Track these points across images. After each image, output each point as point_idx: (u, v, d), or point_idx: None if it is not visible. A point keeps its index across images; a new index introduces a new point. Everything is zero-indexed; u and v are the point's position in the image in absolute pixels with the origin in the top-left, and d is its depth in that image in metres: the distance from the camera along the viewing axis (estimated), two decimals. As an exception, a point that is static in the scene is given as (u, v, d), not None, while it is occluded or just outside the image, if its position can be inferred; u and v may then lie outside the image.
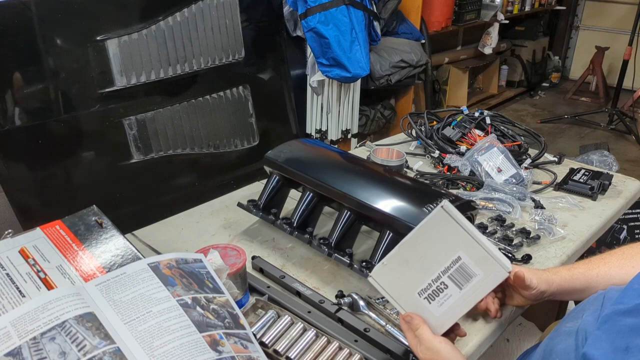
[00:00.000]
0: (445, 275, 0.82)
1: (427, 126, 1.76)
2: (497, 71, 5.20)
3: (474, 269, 0.80)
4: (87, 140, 2.02)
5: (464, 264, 0.81)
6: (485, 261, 0.80)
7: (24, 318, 0.71)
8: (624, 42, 4.58)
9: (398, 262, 0.85)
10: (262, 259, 1.13)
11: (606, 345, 0.69)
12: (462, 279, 0.81)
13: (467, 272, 0.81)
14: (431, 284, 0.82)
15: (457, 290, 0.81)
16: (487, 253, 0.80)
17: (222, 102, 2.40)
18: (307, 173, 1.18)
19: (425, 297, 0.83)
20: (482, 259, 0.80)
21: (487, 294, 0.81)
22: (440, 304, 0.82)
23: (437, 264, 0.82)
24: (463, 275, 0.81)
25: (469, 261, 0.80)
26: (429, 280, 0.82)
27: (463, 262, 0.81)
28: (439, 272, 0.82)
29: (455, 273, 0.81)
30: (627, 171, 3.25)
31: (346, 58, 2.64)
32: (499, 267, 0.79)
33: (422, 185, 1.26)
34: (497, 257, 0.80)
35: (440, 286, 0.82)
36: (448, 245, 0.81)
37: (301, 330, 0.92)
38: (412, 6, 3.49)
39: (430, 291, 0.82)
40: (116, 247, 0.90)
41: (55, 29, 1.86)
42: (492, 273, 0.80)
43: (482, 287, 0.81)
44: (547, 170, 1.64)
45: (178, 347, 0.74)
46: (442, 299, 0.82)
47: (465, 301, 0.81)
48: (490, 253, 0.80)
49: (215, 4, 2.26)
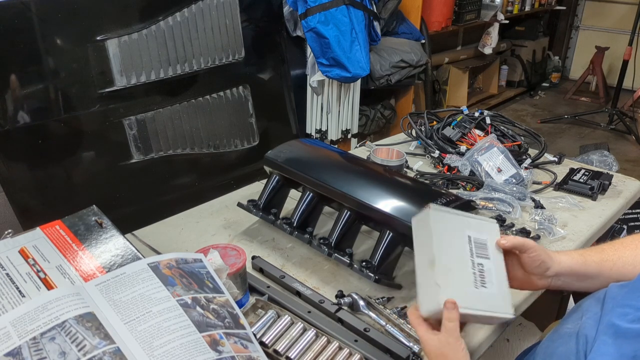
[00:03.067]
0: (474, 257, 0.85)
1: (427, 126, 1.76)
2: (497, 71, 5.20)
3: (482, 236, 0.87)
4: (87, 140, 2.02)
5: (475, 239, 0.87)
6: (482, 226, 0.89)
7: (24, 318, 0.71)
8: (624, 42, 4.57)
9: (434, 277, 0.83)
10: (262, 259, 1.13)
11: (612, 352, 0.67)
12: (483, 250, 0.87)
13: (481, 243, 0.87)
14: (475, 272, 0.84)
15: (488, 261, 0.86)
16: (479, 220, 0.90)
17: (222, 102, 2.40)
18: (307, 173, 1.18)
19: (481, 285, 0.83)
20: (480, 226, 0.89)
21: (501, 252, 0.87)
22: (492, 282, 0.84)
23: (463, 254, 0.85)
24: (481, 247, 0.87)
25: (475, 235, 0.87)
26: (470, 270, 0.84)
27: (474, 237, 0.87)
28: (470, 258, 0.85)
29: (477, 250, 0.86)
30: (627, 171, 3.25)
31: (346, 58, 2.64)
32: (490, 223, 0.91)
33: (422, 185, 1.26)
34: (485, 219, 0.92)
35: (480, 268, 0.85)
36: (456, 234, 0.86)
37: (301, 330, 0.92)
38: (412, 6, 3.49)
39: (479, 278, 0.84)
40: (116, 247, 0.90)
41: (55, 29, 1.85)
42: (492, 231, 0.89)
43: (494, 247, 0.88)
44: (547, 170, 1.64)
45: (178, 347, 0.74)
46: (489, 277, 0.84)
47: (499, 266, 0.87)
48: (479, 219, 0.91)
49: (215, 4, 2.26)
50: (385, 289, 1.07)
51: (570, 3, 5.76)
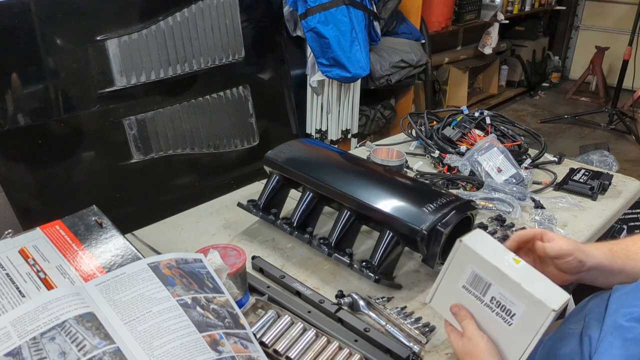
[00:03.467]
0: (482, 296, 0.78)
1: (427, 126, 1.76)
2: (497, 71, 5.20)
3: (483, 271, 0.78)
4: (87, 140, 2.02)
5: (477, 275, 0.78)
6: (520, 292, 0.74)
7: (23, 318, 0.71)
8: (624, 42, 4.57)
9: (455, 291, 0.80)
10: (262, 259, 1.13)
11: (619, 354, 0.66)
12: (481, 283, 0.78)
13: (479, 277, 0.78)
14: (495, 311, 0.77)
15: (494, 287, 0.76)
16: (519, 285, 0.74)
17: (222, 102, 2.40)
18: (307, 173, 1.18)
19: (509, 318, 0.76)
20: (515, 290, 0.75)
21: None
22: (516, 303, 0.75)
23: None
24: (479, 281, 0.78)
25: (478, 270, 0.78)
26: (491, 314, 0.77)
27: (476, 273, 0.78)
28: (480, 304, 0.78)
29: (475, 289, 0.79)
30: (627, 171, 3.25)
31: (346, 58, 2.64)
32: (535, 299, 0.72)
33: (422, 185, 1.26)
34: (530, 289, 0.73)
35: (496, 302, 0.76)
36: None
37: (301, 330, 0.92)
38: (412, 6, 3.49)
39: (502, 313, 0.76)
40: (116, 247, 0.90)
41: (55, 29, 1.85)
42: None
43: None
44: (547, 170, 1.64)
45: (178, 347, 0.74)
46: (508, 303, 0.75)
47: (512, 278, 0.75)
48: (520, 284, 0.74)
49: (215, 4, 2.26)
50: (385, 289, 1.07)
51: (570, 3, 5.76)
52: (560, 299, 0.72)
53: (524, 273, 0.75)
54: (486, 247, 0.79)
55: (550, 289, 0.73)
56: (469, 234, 0.80)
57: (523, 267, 0.76)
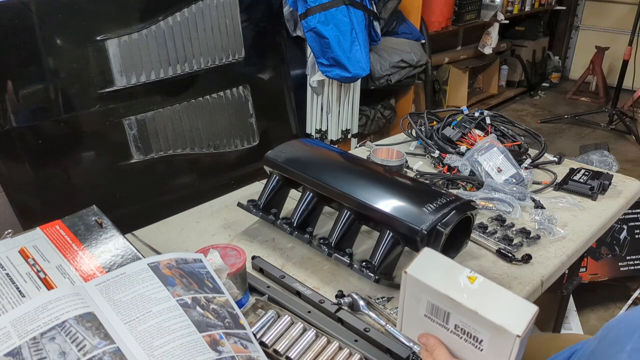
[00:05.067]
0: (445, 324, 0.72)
1: (427, 126, 1.76)
2: (497, 71, 5.20)
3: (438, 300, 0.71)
4: (87, 140, 2.02)
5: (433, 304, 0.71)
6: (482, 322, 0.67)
7: (23, 318, 0.71)
8: (624, 42, 4.57)
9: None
10: (262, 259, 1.13)
11: None
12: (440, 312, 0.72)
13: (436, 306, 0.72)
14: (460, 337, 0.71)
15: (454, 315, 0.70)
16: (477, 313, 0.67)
17: (222, 102, 2.40)
18: (307, 173, 1.18)
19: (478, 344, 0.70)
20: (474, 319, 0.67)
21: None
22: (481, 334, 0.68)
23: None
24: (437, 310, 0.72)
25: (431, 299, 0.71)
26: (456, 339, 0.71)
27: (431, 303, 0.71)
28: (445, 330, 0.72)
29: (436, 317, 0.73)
30: (627, 171, 3.25)
31: (346, 58, 2.64)
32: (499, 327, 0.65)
33: (422, 185, 1.26)
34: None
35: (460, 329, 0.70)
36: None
37: (301, 330, 0.92)
38: (412, 6, 3.49)
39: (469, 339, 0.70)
40: (116, 247, 0.90)
41: (55, 29, 1.85)
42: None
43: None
44: (547, 170, 1.64)
45: (178, 347, 0.74)
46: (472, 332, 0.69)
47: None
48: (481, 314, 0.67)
49: (215, 4, 2.26)
50: (385, 289, 1.07)
51: (570, 3, 5.76)
52: (524, 318, 0.65)
53: (481, 294, 0.68)
54: (436, 270, 0.71)
55: (512, 308, 0.66)
56: (416, 260, 0.73)
57: (480, 286, 0.69)
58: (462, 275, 0.70)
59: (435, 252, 0.74)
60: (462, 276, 0.70)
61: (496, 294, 0.68)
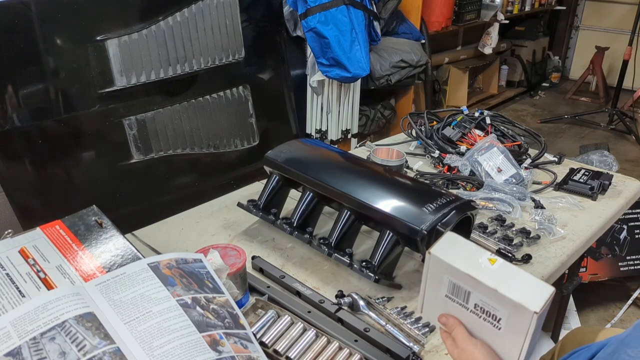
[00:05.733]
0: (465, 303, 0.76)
1: (427, 126, 1.76)
2: (497, 71, 5.20)
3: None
4: (87, 140, 2.02)
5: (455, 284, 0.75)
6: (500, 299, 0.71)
7: (23, 318, 0.71)
8: (624, 42, 4.57)
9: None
10: (262, 259, 1.13)
11: None
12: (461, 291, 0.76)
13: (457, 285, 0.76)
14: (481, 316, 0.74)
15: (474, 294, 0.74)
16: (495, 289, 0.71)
17: (222, 102, 2.40)
18: (307, 173, 1.18)
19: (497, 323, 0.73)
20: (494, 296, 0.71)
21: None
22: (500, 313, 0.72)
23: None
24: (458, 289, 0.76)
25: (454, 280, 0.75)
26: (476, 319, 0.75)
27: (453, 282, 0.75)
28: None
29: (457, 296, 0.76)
30: (627, 171, 3.25)
31: (346, 58, 2.64)
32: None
33: (422, 185, 1.26)
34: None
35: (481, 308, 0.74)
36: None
37: (301, 330, 0.92)
38: (412, 6, 3.49)
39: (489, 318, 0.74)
40: (116, 247, 0.90)
41: (55, 29, 1.85)
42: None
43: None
44: (547, 170, 1.64)
45: (178, 347, 0.74)
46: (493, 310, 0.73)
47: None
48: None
49: (215, 4, 2.26)
50: (385, 289, 1.08)
51: (570, 3, 5.76)
52: (542, 297, 0.68)
53: (501, 275, 0.71)
54: (459, 252, 0.75)
55: (530, 288, 0.70)
56: (439, 242, 0.77)
57: (500, 267, 0.73)
58: (482, 258, 0.74)
59: (458, 236, 0.78)
60: (482, 258, 0.74)
61: (515, 274, 0.72)
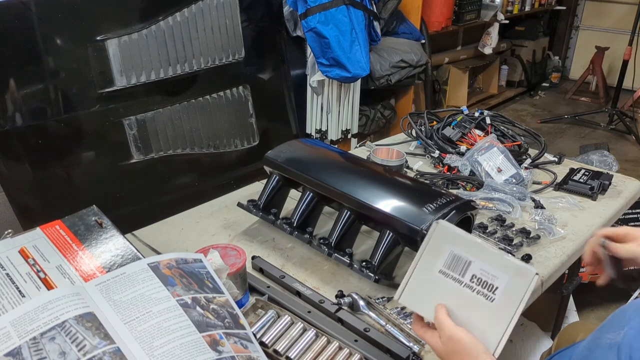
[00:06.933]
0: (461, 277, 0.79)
1: (427, 126, 1.76)
2: (497, 71, 5.20)
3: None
4: (87, 140, 2.02)
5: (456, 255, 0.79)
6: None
7: (23, 318, 0.71)
8: (624, 42, 4.57)
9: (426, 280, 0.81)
10: (262, 259, 1.13)
11: None
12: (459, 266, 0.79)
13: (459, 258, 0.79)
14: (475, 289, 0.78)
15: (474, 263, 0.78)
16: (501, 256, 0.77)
17: (222, 102, 2.40)
18: (307, 173, 1.18)
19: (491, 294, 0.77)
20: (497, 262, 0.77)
21: None
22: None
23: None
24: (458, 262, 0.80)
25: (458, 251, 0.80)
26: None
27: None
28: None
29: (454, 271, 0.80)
30: (627, 171, 3.25)
31: (346, 58, 2.64)
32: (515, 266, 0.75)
33: (422, 185, 1.26)
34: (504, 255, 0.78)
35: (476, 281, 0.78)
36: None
37: (301, 330, 0.92)
38: (412, 6, 3.49)
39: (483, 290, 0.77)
40: (116, 247, 0.90)
41: (55, 29, 1.85)
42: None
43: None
44: (547, 170, 1.64)
45: (178, 347, 0.74)
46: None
47: None
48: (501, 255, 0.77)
49: (215, 4, 2.26)
50: (385, 289, 1.07)
51: (570, 3, 5.76)
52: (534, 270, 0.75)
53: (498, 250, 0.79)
54: (461, 230, 0.80)
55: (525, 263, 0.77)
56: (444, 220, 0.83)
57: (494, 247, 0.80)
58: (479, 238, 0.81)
59: (450, 223, 0.83)
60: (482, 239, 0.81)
61: (508, 254, 0.79)
